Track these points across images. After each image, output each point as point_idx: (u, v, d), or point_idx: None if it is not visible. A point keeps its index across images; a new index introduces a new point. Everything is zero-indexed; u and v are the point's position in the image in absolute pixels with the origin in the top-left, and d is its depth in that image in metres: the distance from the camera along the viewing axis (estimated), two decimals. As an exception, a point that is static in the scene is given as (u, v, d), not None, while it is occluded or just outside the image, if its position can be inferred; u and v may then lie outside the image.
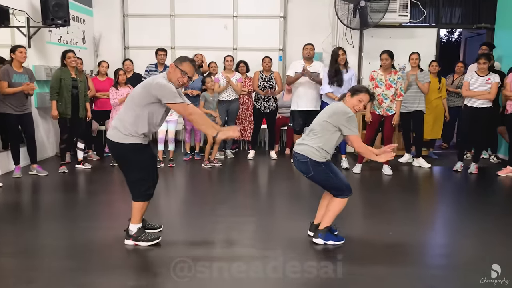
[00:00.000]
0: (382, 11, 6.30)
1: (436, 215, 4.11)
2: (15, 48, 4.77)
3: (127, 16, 7.64)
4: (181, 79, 2.94)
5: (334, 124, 2.98)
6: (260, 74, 6.27)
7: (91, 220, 3.69)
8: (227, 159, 6.35)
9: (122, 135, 2.89)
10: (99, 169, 5.60)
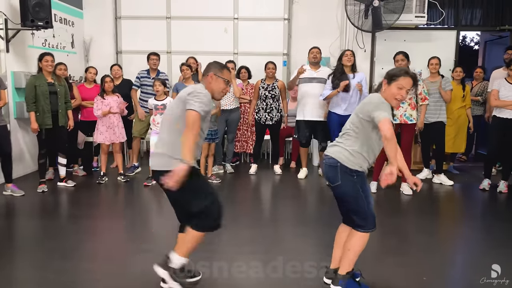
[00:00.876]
0: (397, 12, 5.73)
1: (472, 247, 3.51)
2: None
3: (120, 19, 7.10)
4: (225, 90, 2.57)
5: (366, 117, 2.38)
6: (262, 82, 5.68)
7: (69, 258, 3.06)
8: (227, 174, 5.77)
9: (172, 160, 2.33)
10: (84, 187, 5.02)
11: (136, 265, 2.93)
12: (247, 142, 6.24)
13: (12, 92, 5.21)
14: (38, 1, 4.89)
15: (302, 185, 5.33)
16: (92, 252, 3.23)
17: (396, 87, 2.40)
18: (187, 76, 5.30)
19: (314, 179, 5.60)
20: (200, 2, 6.98)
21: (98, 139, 5.10)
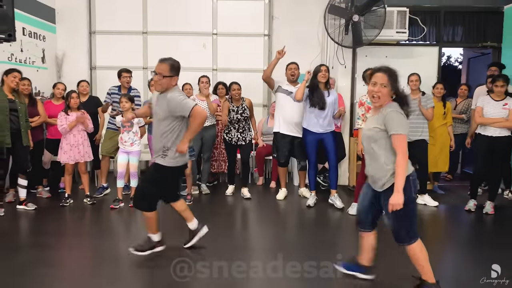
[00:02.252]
0: (378, 27, 5.59)
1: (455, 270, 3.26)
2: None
3: (95, 33, 6.86)
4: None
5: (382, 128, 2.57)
6: (231, 105, 5.37)
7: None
8: (202, 195, 5.46)
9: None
10: (47, 211, 4.67)
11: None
12: (225, 161, 5.95)
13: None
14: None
15: (281, 207, 5.05)
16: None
17: (371, 85, 2.60)
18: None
19: (294, 200, 5.33)
20: (178, 17, 6.79)
21: (62, 158, 4.78)
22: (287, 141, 5.11)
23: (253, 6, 6.84)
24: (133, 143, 4.78)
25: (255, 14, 6.83)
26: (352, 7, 5.56)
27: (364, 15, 5.60)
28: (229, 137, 5.36)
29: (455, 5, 6.27)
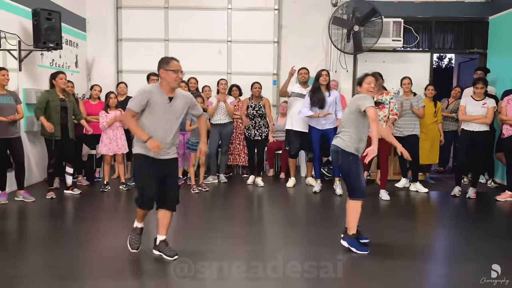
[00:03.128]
0: (375, 36, 6.33)
1: (435, 242, 3.99)
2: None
3: (121, 40, 7.62)
4: (177, 78, 3.11)
5: (354, 109, 3.39)
6: (250, 102, 6.16)
7: (80, 248, 3.53)
8: (221, 184, 6.21)
9: (134, 143, 3.24)
10: (88, 195, 5.42)
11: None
12: (239, 155, 6.69)
13: (23, 107, 5.63)
14: (50, 25, 5.38)
15: (290, 193, 5.79)
16: (97, 245, 3.65)
17: (365, 84, 3.51)
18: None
19: (302, 187, 6.06)
20: (196, 26, 7.53)
21: (102, 150, 5.53)
22: (298, 136, 5.85)
23: (264, 16, 7.58)
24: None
25: (266, 23, 7.57)
26: (353, 19, 6.31)
27: (364, 25, 6.35)
28: (249, 133, 6.12)
29: (445, 16, 7.02)
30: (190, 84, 6.32)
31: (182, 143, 6.00)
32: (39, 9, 5.32)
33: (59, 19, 5.51)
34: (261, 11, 7.57)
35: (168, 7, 7.55)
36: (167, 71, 3.08)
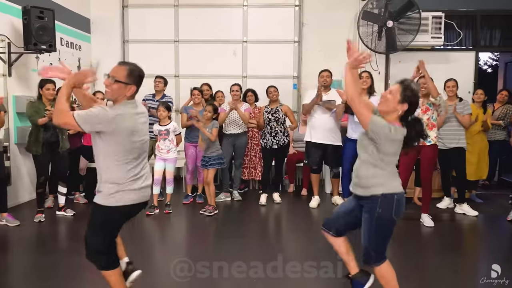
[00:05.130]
0: (412, 33, 5.51)
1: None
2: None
3: (127, 42, 7.02)
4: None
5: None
6: (266, 107, 5.46)
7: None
8: (234, 202, 5.48)
9: None
10: (84, 216, 4.74)
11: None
12: (255, 168, 5.96)
13: (13, 116, 5.07)
14: (41, 24, 4.79)
15: (314, 215, 5.01)
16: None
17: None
18: (197, 101, 5.22)
19: (327, 208, 5.27)
20: (208, 25, 6.87)
21: (100, 165, 4.87)
22: (319, 148, 5.08)
23: (283, 13, 6.85)
24: (169, 151, 4.85)
25: (285, 21, 6.85)
26: (386, 13, 5.50)
27: (398, 20, 5.53)
28: (265, 142, 5.38)
29: (491, 9, 6.13)
30: (204, 92, 5.62)
31: (193, 157, 5.31)
32: (29, 7, 4.74)
33: (52, 18, 4.91)
34: (280, 7, 6.85)
35: (178, 5, 6.91)
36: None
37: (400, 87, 2.34)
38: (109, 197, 2.30)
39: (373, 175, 2.36)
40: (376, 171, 2.36)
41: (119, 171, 2.30)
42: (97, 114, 2.21)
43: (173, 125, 4.87)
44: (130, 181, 2.32)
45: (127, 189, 2.32)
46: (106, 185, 2.31)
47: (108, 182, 2.30)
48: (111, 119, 2.22)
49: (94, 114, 2.21)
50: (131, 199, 2.34)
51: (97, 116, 2.21)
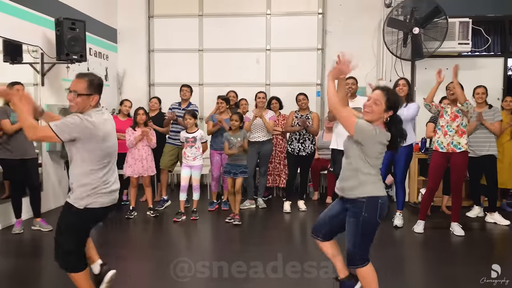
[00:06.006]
0: (439, 39, 5.44)
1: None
2: (11, 86, 4.22)
3: (153, 52, 7.15)
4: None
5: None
6: (296, 113, 5.47)
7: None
8: (259, 209, 5.48)
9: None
10: (113, 223, 4.85)
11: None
12: (280, 176, 5.97)
13: (45, 125, 5.21)
14: (73, 35, 4.94)
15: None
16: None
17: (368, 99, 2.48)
18: (222, 110, 5.25)
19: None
20: (232, 34, 6.94)
21: (127, 172, 4.97)
22: (344, 155, 5.05)
23: (307, 21, 6.87)
24: (195, 158, 4.91)
25: (308, 28, 6.86)
26: (411, 20, 5.46)
27: (425, 27, 5.48)
28: (292, 148, 5.38)
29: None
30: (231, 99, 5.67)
31: (218, 164, 5.36)
32: (62, 18, 4.89)
33: (83, 29, 5.06)
34: (303, 15, 6.87)
35: (202, 15, 7.02)
36: None
37: (384, 96, 2.40)
38: (83, 200, 2.43)
39: (358, 178, 2.42)
40: (361, 175, 2.42)
41: (93, 176, 2.43)
42: (73, 122, 2.34)
43: (200, 133, 4.94)
44: (103, 185, 2.47)
45: (100, 192, 2.46)
46: (79, 189, 2.43)
47: (82, 186, 2.43)
48: (86, 126, 2.36)
49: (70, 122, 2.34)
50: (103, 202, 2.48)
51: (73, 124, 2.34)
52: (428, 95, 4.47)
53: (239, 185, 4.81)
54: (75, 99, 2.43)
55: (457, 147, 4.26)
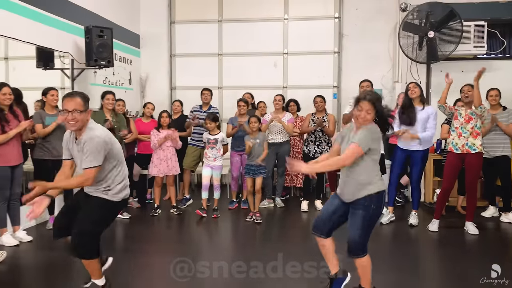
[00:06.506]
0: (454, 43, 5.55)
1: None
2: (47, 91, 4.51)
3: (174, 56, 7.42)
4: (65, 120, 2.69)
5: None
6: (312, 116, 5.64)
7: None
8: (277, 209, 5.67)
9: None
10: (138, 220, 5.12)
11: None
12: (297, 176, 6.15)
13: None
14: (101, 42, 5.21)
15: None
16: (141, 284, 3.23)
17: (356, 109, 2.68)
18: (243, 112, 5.47)
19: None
20: (250, 39, 7.15)
21: (153, 171, 5.23)
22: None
23: (323, 25, 7.03)
24: (216, 159, 5.14)
25: (325, 32, 7.02)
26: (427, 24, 5.58)
27: (440, 31, 5.59)
28: (308, 149, 5.55)
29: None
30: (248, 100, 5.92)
31: (238, 165, 5.58)
32: (91, 26, 5.18)
33: (111, 36, 5.33)
34: (320, 20, 7.04)
35: (222, 20, 7.25)
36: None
37: (371, 106, 2.63)
38: (121, 193, 2.84)
39: (368, 176, 2.64)
40: (369, 173, 2.65)
41: (118, 175, 2.83)
42: (97, 147, 2.64)
43: (222, 136, 5.17)
44: (124, 180, 2.89)
45: (125, 186, 2.90)
46: (117, 186, 2.82)
47: (119, 183, 2.83)
48: (104, 142, 2.68)
49: (96, 149, 2.64)
50: (127, 193, 2.93)
51: (98, 149, 2.65)
52: (441, 97, 4.59)
53: (259, 185, 5.01)
54: (76, 117, 2.64)
55: (471, 148, 4.37)
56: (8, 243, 4.04)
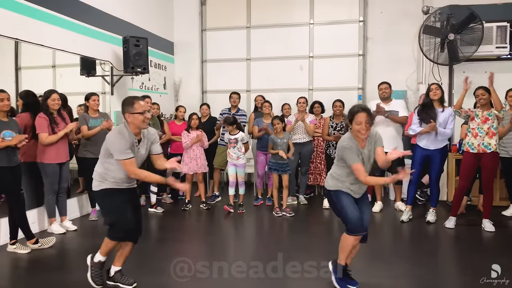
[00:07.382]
0: (475, 44, 5.62)
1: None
2: (89, 96, 5.00)
3: (205, 62, 7.85)
4: (145, 119, 2.93)
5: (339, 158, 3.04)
6: (330, 121, 5.86)
7: (156, 273, 3.51)
8: (300, 206, 5.95)
9: (97, 182, 3.05)
10: (171, 213, 5.56)
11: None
12: (321, 175, 6.38)
13: (114, 128, 6.04)
14: (138, 51, 5.70)
15: (377, 220, 5.30)
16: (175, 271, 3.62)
17: (355, 124, 2.90)
18: (267, 112, 5.92)
19: (390, 213, 5.54)
20: (277, 43, 7.47)
21: (184, 169, 5.65)
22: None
23: (348, 28, 7.25)
24: (239, 157, 5.50)
25: (350, 36, 7.23)
26: (447, 26, 5.68)
27: (460, 33, 5.68)
28: (329, 151, 5.80)
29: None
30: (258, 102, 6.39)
31: (263, 163, 5.91)
32: (128, 37, 5.67)
33: (146, 45, 5.81)
34: (345, 24, 7.26)
35: (250, 26, 7.62)
36: (133, 114, 2.89)
37: (366, 114, 2.91)
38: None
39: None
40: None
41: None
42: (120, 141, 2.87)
43: (241, 135, 5.53)
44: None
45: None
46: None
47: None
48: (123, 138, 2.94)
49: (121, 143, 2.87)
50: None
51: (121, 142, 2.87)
52: (456, 102, 4.72)
53: (287, 181, 5.39)
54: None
55: (487, 148, 4.47)
56: (57, 231, 4.57)
